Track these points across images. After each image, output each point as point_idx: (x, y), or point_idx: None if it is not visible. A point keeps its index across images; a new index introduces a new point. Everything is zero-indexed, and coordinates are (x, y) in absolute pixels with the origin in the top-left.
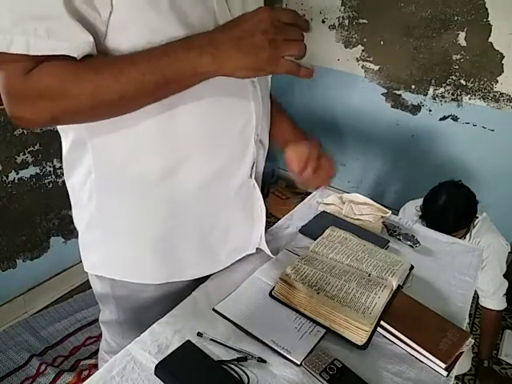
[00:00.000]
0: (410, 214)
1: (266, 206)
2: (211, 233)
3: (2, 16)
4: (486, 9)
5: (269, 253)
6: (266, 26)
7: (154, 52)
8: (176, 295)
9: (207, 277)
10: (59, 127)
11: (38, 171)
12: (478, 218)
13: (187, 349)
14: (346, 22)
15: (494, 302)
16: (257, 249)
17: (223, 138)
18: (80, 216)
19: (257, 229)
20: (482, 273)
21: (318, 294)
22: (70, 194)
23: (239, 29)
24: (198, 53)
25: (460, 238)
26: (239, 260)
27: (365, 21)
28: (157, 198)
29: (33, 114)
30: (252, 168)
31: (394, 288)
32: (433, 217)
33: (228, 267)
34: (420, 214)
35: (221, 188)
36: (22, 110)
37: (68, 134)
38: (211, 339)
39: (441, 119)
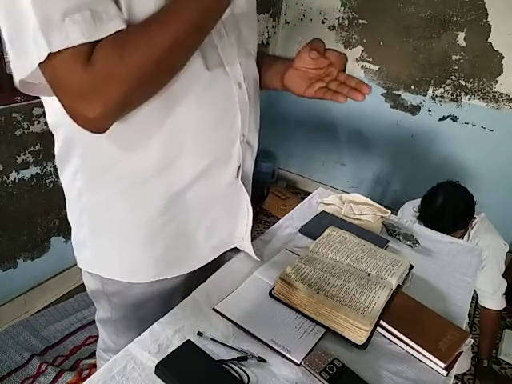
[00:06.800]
0: (407, 215)
1: (264, 205)
2: (196, 230)
3: (53, 12)
4: (486, 9)
5: (253, 255)
6: None
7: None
8: (167, 292)
9: (196, 273)
10: (52, 125)
11: (39, 171)
12: (476, 218)
13: (187, 348)
14: (346, 22)
15: (493, 301)
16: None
17: (210, 138)
18: (71, 212)
19: (241, 226)
20: (481, 273)
21: (317, 293)
22: (64, 190)
23: None
24: None
25: (458, 238)
26: (239, 260)
27: (364, 21)
28: (144, 198)
29: (104, 104)
30: (238, 169)
31: (394, 288)
32: (430, 217)
33: (228, 267)
34: (417, 214)
35: (207, 187)
36: (92, 105)
37: (59, 133)
38: (211, 339)
39: (440, 119)
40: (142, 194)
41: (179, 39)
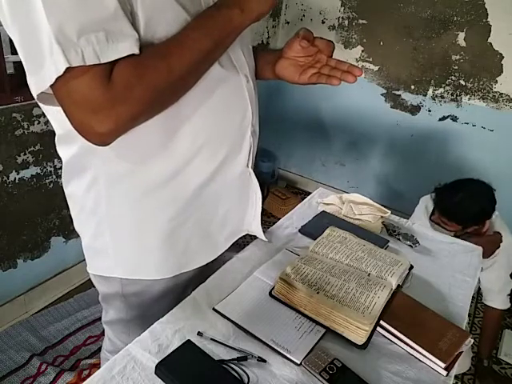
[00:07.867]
0: (420, 207)
1: (264, 205)
2: (211, 222)
3: (69, 30)
4: (486, 9)
5: (263, 237)
6: None
7: (197, 21)
8: (181, 287)
9: (209, 268)
10: (63, 136)
11: (39, 171)
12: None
13: (187, 348)
14: (346, 22)
15: (497, 301)
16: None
17: (225, 132)
18: (85, 222)
19: (250, 211)
20: (488, 271)
21: (317, 293)
22: (69, 201)
23: None
24: (227, 7)
25: (458, 236)
26: (239, 260)
27: (364, 21)
28: (165, 198)
29: (116, 121)
30: (249, 157)
31: (394, 288)
32: (446, 199)
33: (228, 267)
34: (437, 186)
35: (221, 181)
36: (104, 121)
37: (72, 144)
38: (211, 339)
39: (440, 119)
40: (161, 197)
41: (195, 65)
